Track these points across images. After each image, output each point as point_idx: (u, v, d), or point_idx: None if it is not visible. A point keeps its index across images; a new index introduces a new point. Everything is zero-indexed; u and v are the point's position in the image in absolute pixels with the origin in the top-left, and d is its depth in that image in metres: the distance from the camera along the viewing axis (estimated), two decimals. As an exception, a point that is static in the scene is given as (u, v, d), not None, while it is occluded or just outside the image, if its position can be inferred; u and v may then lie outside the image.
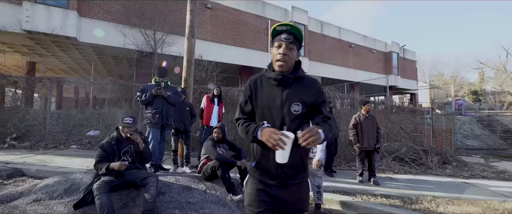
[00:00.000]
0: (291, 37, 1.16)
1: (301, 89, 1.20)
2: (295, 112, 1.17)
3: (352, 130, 4.37)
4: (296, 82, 1.20)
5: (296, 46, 1.19)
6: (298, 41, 1.19)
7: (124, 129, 2.40)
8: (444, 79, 42.74)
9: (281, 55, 1.14)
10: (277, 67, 1.17)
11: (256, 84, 1.25)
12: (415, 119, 8.58)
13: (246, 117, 1.27)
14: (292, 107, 1.17)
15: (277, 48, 1.17)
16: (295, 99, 1.18)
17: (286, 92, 1.18)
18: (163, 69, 3.67)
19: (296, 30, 1.18)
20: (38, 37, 9.03)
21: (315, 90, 1.22)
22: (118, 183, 2.21)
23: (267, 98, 1.21)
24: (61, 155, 4.65)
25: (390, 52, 20.20)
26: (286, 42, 1.15)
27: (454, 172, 5.86)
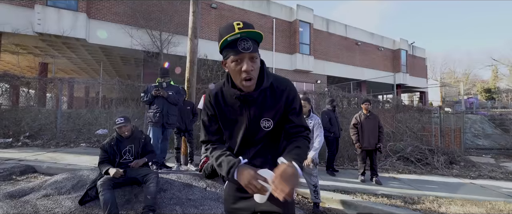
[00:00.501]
0: (251, 45, 0.91)
1: (269, 99, 1.03)
2: (266, 128, 1.04)
3: (352, 129, 4.37)
4: (262, 93, 1.02)
5: (257, 51, 0.96)
6: (256, 43, 0.96)
7: (120, 129, 2.50)
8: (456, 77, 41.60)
9: (246, 72, 0.92)
10: (244, 88, 0.96)
11: (217, 100, 1.06)
12: (423, 118, 8.42)
13: (214, 140, 1.11)
14: (262, 123, 1.03)
15: (237, 64, 0.93)
16: (264, 114, 1.03)
17: (253, 109, 1.02)
18: (165, 70, 3.79)
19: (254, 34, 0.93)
20: (50, 39, 9.35)
21: (284, 97, 1.04)
22: (121, 180, 2.31)
23: (232, 117, 1.05)
24: (70, 152, 4.85)
25: (398, 49, 19.81)
26: (248, 53, 0.91)
27: (461, 172, 5.75)
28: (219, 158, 1.03)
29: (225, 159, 1.00)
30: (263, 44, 13.25)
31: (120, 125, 2.49)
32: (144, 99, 3.63)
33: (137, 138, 2.63)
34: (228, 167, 0.97)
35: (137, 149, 2.60)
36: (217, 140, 1.12)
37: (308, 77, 14.79)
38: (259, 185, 0.87)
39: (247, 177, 0.90)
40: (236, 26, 0.91)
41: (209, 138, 1.11)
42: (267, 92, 1.03)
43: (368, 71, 18.05)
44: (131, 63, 13.54)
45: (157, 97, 3.54)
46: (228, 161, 0.99)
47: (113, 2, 9.94)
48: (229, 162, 0.98)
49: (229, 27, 0.92)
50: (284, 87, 1.05)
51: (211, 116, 1.09)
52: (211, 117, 1.09)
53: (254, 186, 0.88)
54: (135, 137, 2.63)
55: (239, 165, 0.96)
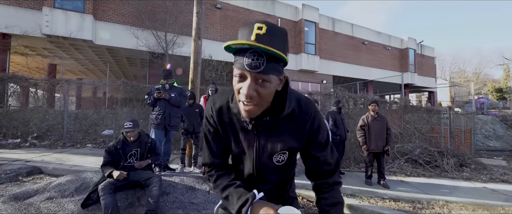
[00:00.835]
0: (262, 63, 0.66)
1: (288, 129, 0.81)
2: (279, 162, 0.85)
3: (359, 131, 4.27)
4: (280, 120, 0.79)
5: (274, 73, 0.69)
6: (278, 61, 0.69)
7: (127, 133, 2.49)
8: (466, 76, 40.62)
9: (246, 96, 0.68)
10: (244, 115, 0.73)
11: (221, 117, 0.84)
12: (431, 119, 8.21)
13: (219, 163, 0.90)
14: (275, 157, 0.83)
15: (239, 80, 0.70)
16: (278, 147, 0.82)
17: (265, 138, 0.82)
18: (168, 72, 3.79)
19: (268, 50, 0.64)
20: (57, 41, 9.51)
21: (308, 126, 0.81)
22: (123, 184, 2.30)
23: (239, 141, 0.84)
24: (76, 153, 4.89)
25: (406, 48, 19.45)
26: (253, 73, 0.67)
27: (472, 175, 5.58)
28: (225, 189, 0.83)
29: (234, 192, 0.81)
30: (268, 44, 13.16)
31: (128, 130, 2.49)
32: (147, 101, 3.64)
33: (144, 141, 2.63)
34: (239, 204, 0.77)
35: (142, 152, 2.59)
36: (222, 164, 0.90)
37: (313, 77, 14.65)
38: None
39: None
40: (256, 30, 0.66)
41: (212, 160, 0.89)
42: (286, 119, 0.80)
43: (375, 71, 17.77)
44: (137, 64, 13.68)
45: (159, 99, 3.55)
46: (238, 195, 0.79)
47: (119, 3, 10.04)
48: (241, 197, 0.78)
49: (248, 28, 0.68)
50: (309, 113, 0.81)
51: (213, 133, 0.87)
52: (213, 134, 0.87)
53: None
54: (142, 140, 2.63)
55: (255, 201, 0.76)
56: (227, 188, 0.83)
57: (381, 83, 17.94)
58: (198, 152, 3.97)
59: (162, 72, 3.85)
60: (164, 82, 3.69)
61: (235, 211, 0.77)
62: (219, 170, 0.89)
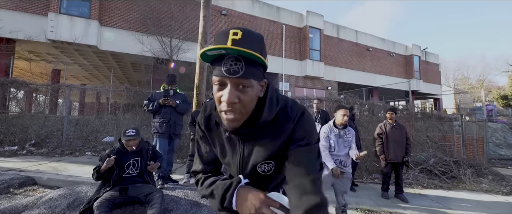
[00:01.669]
0: (240, 67, 0.63)
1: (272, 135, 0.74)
2: (264, 172, 0.77)
3: (376, 139, 4.00)
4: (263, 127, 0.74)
5: (254, 77, 0.66)
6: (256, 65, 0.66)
7: (128, 142, 2.26)
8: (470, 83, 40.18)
9: (227, 104, 0.65)
10: (225, 123, 0.69)
11: (209, 124, 0.82)
12: (443, 127, 7.90)
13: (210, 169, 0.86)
14: (259, 167, 0.76)
15: (218, 88, 0.67)
16: (262, 155, 0.75)
17: (249, 147, 0.77)
18: (172, 77, 3.57)
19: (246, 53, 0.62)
20: (62, 46, 9.46)
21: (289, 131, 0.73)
22: (121, 201, 2.06)
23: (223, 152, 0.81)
24: (74, 162, 4.67)
25: (411, 55, 19.23)
26: (233, 79, 0.63)
27: (491, 187, 5.24)
28: (211, 185, 0.78)
29: (219, 183, 0.76)
30: (273, 51, 13.06)
31: (130, 138, 2.27)
32: (149, 108, 3.32)
33: (144, 149, 2.39)
34: (222, 191, 0.72)
35: (145, 162, 2.36)
36: (212, 170, 0.86)
37: (318, 83, 14.44)
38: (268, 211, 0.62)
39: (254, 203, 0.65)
40: (231, 35, 0.63)
41: (203, 167, 0.85)
42: (269, 126, 0.74)
43: (380, 77, 17.54)
44: (141, 69, 13.61)
45: (164, 106, 3.32)
46: (223, 184, 0.74)
47: (125, 9, 10.03)
48: (225, 185, 0.73)
49: (223, 35, 0.65)
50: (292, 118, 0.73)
51: (203, 139, 0.86)
52: (203, 140, 0.86)
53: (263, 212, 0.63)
54: (142, 148, 2.40)
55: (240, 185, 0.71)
56: (213, 183, 0.78)
57: (386, 90, 17.68)
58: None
59: (166, 77, 3.61)
60: (168, 88, 3.46)
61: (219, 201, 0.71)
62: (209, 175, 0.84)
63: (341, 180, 2.66)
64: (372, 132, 6.32)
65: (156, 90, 3.60)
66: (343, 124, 2.72)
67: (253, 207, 0.65)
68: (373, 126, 6.52)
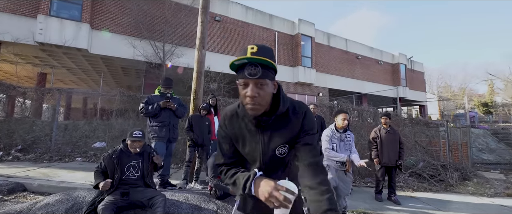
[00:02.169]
0: (258, 71, 0.87)
1: (285, 125, 0.98)
2: (281, 155, 1.00)
3: (371, 143, 4.12)
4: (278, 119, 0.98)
5: (268, 78, 0.89)
6: (269, 69, 0.89)
7: (134, 143, 2.25)
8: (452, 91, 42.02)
9: (250, 98, 0.88)
10: (249, 112, 0.92)
11: (232, 122, 1.03)
12: (430, 132, 8.22)
13: (230, 163, 1.06)
14: (277, 150, 0.99)
15: (243, 88, 0.91)
16: (280, 141, 0.98)
17: (268, 135, 0.99)
18: (169, 81, 3.52)
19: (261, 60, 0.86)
20: (50, 49, 9.21)
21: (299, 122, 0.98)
22: (124, 204, 2.03)
23: (247, 142, 1.02)
24: (64, 168, 4.51)
25: (397, 63, 19.98)
26: (253, 80, 0.87)
27: (477, 190, 5.49)
28: (233, 176, 1.00)
29: (240, 175, 0.97)
30: (265, 57, 13.24)
31: (136, 139, 2.25)
32: (147, 110, 3.24)
33: (146, 152, 2.37)
34: (243, 181, 0.93)
35: (146, 165, 2.34)
36: (233, 163, 1.07)
37: (310, 90, 14.70)
38: (281, 196, 0.80)
39: (266, 188, 0.84)
40: (249, 49, 0.89)
41: (225, 160, 1.07)
42: (283, 118, 0.99)
43: (368, 84, 18.07)
44: (132, 74, 13.39)
45: (163, 109, 3.28)
46: (243, 176, 0.96)
47: (117, 13, 9.92)
48: (244, 176, 0.94)
49: (243, 51, 0.90)
50: (301, 112, 1.00)
51: (225, 137, 1.05)
52: (226, 138, 1.05)
53: (276, 198, 0.80)
54: (144, 151, 2.38)
55: (256, 177, 0.91)
56: (235, 174, 1.00)
57: (374, 97, 18.20)
58: (201, 166, 3.70)
59: (163, 80, 3.54)
60: (165, 91, 3.41)
61: (241, 189, 0.92)
62: (230, 167, 1.05)
63: (344, 183, 2.75)
64: (364, 136, 6.50)
65: (152, 94, 3.53)
66: (344, 127, 2.82)
67: (266, 192, 0.83)
68: (364, 131, 6.70)
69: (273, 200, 0.80)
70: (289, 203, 0.79)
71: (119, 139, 6.15)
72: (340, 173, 2.79)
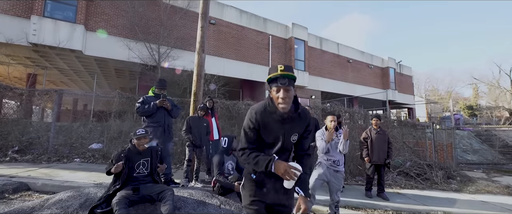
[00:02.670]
0: (286, 81, 1.30)
1: (298, 122, 1.42)
2: (293, 140, 1.44)
3: (362, 143, 4.39)
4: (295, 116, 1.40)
5: (292, 86, 1.33)
6: (293, 82, 1.34)
7: (140, 140, 2.40)
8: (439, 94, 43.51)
9: (282, 99, 1.31)
10: (281, 109, 1.33)
11: (262, 118, 1.39)
12: (417, 133, 8.62)
13: (251, 148, 1.41)
14: (291, 137, 1.42)
15: (276, 92, 1.33)
16: (294, 131, 1.42)
17: (288, 127, 1.40)
18: (164, 82, 3.59)
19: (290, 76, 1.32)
20: (43, 50, 9.13)
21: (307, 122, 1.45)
22: (135, 199, 2.18)
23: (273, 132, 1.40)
24: (65, 168, 4.56)
25: (387, 67, 20.64)
26: (283, 87, 1.30)
27: (460, 187, 5.85)
28: (256, 157, 1.37)
29: (261, 157, 1.35)
30: (260, 60, 13.51)
31: (141, 135, 2.39)
32: (144, 109, 3.28)
33: (154, 150, 2.53)
34: (266, 162, 1.33)
35: (154, 162, 2.48)
36: (253, 148, 1.42)
37: (303, 92, 15.02)
38: (292, 172, 1.26)
39: (283, 168, 1.27)
40: (279, 68, 1.32)
41: (248, 146, 1.42)
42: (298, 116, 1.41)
43: (359, 87, 18.58)
44: (126, 76, 13.35)
45: (159, 109, 3.36)
46: (264, 158, 1.34)
47: (112, 15, 9.94)
48: (266, 159, 1.34)
49: (274, 68, 1.34)
50: (307, 113, 1.47)
51: (253, 129, 1.40)
52: (253, 129, 1.40)
53: (289, 173, 1.26)
54: (151, 149, 2.52)
55: (275, 160, 1.33)
56: (257, 157, 1.37)
57: (364, 99, 18.72)
58: (200, 166, 3.86)
59: (158, 82, 3.60)
60: (159, 92, 3.47)
61: (264, 167, 1.32)
62: (252, 150, 1.41)
63: (336, 179, 2.97)
64: (355, 137, 6.79)
65: (147, 95, 3.58)
66: (332, 128, 3.05)
67: (282, 169, 1.27)
68: (355, 132, 7.00)
69: (288, 176, 1.25)
70: (296, 176, 1.25)
71: (117, 140, 6.22)
72: (331, 170, 3.01)
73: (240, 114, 6.09)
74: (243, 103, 6.39)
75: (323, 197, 3.61)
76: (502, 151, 13.83)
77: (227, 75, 11.88)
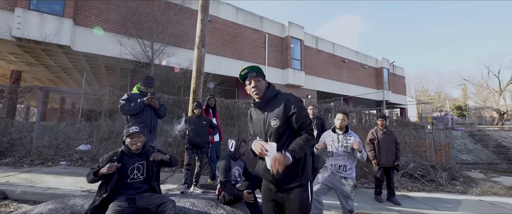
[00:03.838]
0: (254, 74, 1.53)
1: (274, 106, 1.53)
2: (274, 125, 1.48)
3: (368, 145, 4.15)
4: (270, 102, 1.54)
5: (260, 77, 1.54)
6: (260, 74, 1.54)
7: (133, 139, 2.08)
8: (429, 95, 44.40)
9: (253, 88, 1.53)
10: (254, 96, 1.56)
11: (251, 112, 1.67)
12: (418, 134, 8.54)
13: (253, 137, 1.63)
14: (271, 122, 1.50)
15: (249, 85, 1.55)
16: (272, 115, 1.51)
17: (266, 112, 1.54)
18: (150, 79, 3.26)
19: (255, 68, 1.53)
20: (28, 45, 8.57)
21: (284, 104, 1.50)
22: (130, 212, 1.84)
23: (256, 120, 1.59)
24: (49, 173, 4.14)
25: (381, 68, 20.74)
26: (252, 78, 1.53)
27: (465, 189, 5.73)
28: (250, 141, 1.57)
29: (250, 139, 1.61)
30: (256, 59, 13.22)
31: (134, 133, 2.07)
32: (130, 107, 2.91)
33: (150, 152, 2.19)
34: (250, 142, 1.54)
35: (152, 166, 2.15)
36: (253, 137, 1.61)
37: (299, 92, 14.83)
38: (259, 145, 1.39)
39: (255, 143, 1.44)
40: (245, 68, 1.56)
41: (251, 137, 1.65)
42: (274, 100, 1.55)
43: (355, 87, 18.57)
44: (117, 73, 12.80)
45: (145, 107, 3.00)
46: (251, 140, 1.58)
47: (104, 9, 9.45)
48: (251, 140, 1.56)
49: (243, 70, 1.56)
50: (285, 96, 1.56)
51: (249, 122, 1.69)
52: (250, 122, 1.69)
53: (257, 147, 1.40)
54: (148, 151, 2.19)
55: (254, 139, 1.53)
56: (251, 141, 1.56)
57: (358, 99, 18.74)
58: (201, 170, 3.53)
59: (144, 79, 3.24)
60: (146, 90, 3.13)
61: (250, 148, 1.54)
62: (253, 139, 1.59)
63: (342, 185, 2.68)
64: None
65: (131, 92, 3.21)
66: (341, 127, 2.79)
67: (255, 146, 1.43)
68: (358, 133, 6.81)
69: (256, 149, 1.40)
70: (265, 150, 1.35)
71: (108, 141, 5.80)
72: (337, 176, 2.74)
73: (240, 113, 5.78)
74: (244, 102, 6.08)
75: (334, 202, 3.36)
76: (495, 151, 14.03)
77: (223, 73, 11.55)
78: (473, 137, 16.15)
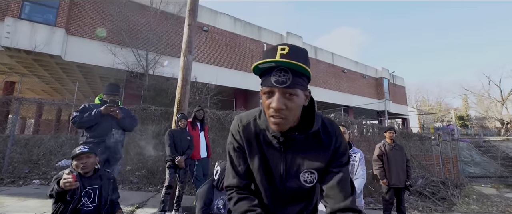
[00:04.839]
0: (288, 78, 0.70)
1: (317, 148, 0.80)
2: (307, 183, 0.81)
3: (377, 161, 3.68)
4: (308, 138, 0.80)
5: (299, 87, 0.71)
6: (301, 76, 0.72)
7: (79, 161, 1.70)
8: (429, 105, 44.06)
9: (275, 110, 0.71)
10: (273, 127, 0.75)
11: (248, 133, 0.83)
12: (424, 146, 8.07)
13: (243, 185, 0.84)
14: (302, 176, 0.80)
15: (268, 97, 0.73)
16: (305, 164, 0.80)
17: (292, 155, 0.81)
18: (115, 85, 2.76)
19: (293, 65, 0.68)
20: (18, 55, 8.32)
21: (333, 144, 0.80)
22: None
23: (264, 161, 0.82)
24: (15, 194, 3.68)
25: (381, 78, 20.52)
26: (281, 88, 0.70)
27: (481, 209, 5.22)
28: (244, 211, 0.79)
29: None
30: (254, 68, 12.95)
31: (81, 153, 1.70)
32: (82, 119, 2.40)
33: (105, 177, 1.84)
34: None
35: (106, 193, 1.80)
36: (245, 186, 0.85)
37: (299, 102, 14.48)
38: None
39: None
40: (279, 50, 0.72)
41: (236, 181, 0.85)
42: (313, 138, 0.81)
43: (355, 97, 18.26)
44: (111, 84, 12.50)
45: (103, 117, 2.45)
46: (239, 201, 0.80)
47: (97, 19, 9.28)
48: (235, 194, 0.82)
49: (272, 50, 0.74)
50: (333, 132, 0.82)
51: (238, 149, 0.85)
52: (239, 151, 0.86)
53: None
54: (103, 175, 1.84)
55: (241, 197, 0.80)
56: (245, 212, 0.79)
57: (358, 110, 18.36)
58: (183, 192, 3.09)
59: (107, 85, 2.74)
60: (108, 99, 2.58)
61: None
62: (242, 193, 0.84)
63: None
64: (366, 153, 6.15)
65: (89, 102, 2.67)
66: None
67: None
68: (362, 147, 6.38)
69: None
70: None
71: (90, 156, 5.37)
72: None
73: (233, 126, 5.38)
74: (237, 113, 5.70)
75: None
76: (504, 163, 13.44)
77: (220, 84, 11.24)
78: (479, 148, 15.60)
